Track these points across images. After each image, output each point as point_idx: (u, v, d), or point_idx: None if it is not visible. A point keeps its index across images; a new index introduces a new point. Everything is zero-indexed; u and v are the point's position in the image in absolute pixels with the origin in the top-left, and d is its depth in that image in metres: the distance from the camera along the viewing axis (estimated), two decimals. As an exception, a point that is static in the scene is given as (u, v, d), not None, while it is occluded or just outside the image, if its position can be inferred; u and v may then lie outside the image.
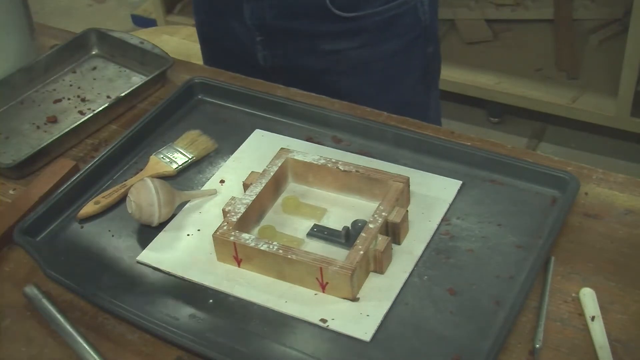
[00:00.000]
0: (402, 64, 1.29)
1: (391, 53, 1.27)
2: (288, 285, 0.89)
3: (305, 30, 1.23)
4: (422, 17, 1.26)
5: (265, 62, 1.29)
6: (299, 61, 1.27)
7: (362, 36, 1.24)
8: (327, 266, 0.86)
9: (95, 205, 1.00)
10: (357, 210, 0.97)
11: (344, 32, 1.23)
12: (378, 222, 0.90)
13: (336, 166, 0.98)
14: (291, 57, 1.27)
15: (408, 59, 1.30)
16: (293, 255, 0.88)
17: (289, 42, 1.26)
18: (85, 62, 1.30)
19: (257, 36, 1.26)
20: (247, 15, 1.24)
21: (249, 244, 0.90)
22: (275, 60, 1.28)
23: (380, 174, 0.97)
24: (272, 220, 0.97)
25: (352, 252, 0.87)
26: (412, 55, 1.30)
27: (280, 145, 1.04)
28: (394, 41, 1.26)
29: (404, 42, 1.27)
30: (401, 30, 1.25)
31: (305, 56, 1.26)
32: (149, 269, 0.94)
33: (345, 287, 0.86)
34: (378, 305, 0.86)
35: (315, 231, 0.94)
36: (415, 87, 1.35)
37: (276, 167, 0.99)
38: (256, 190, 0.96)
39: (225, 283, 0.90)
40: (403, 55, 1.28)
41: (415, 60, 1.32)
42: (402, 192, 0.95)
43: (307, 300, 0.88)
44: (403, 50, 1.28)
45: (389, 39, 1.25)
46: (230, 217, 0.93)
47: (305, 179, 1.01)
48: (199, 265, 0.93)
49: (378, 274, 0.90)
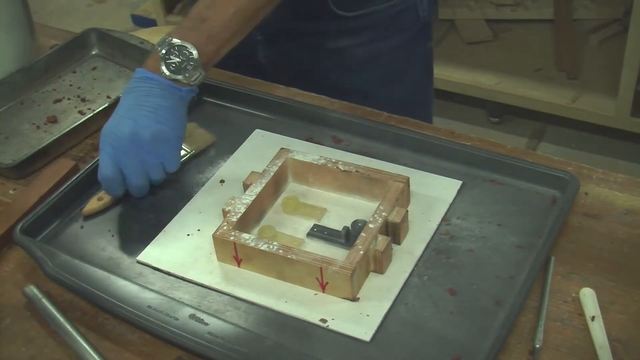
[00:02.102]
0: (404, 59, 1.30)
1: (393, 49, 1.27)
2: (288, 285, 0.89)
3: (307, 30, 1.23)
4: (422, 14, 1.27)
5: (266, 60, 1.28)
6: (301, 59, 1.27)
7: (364, 33, 1.24)
8: (327, 266, 0.86)
9: (98, 201, 1.00)
10: (357, 210, 0.97)
11: (346, 30, 1.23)
12: (378, 222, 0.90)
13: (336, 166, 0.98)
14: (293, 55, 1.27)
15: (410, 54, 1.31)
16: (293, 255, 0.88)
17: (291, 40, 1.25)
18: (85, 62, 1.30)
19: (258, 35, 1.26)
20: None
21: (249, 244, 0.89)
22: (276, 58, 1.28)
23: (380, 174, 0.97)
24: (272, 220, 0.97)
25: (352, 252, 0.87)
26: (413, 51, 1.31)
27: (280, 145, 1.04)
28: (395, 37, 1.26)
29: (405, 38, 1.28)
30: (402, 27, 1.26)
31: (308, 54, 1.26)
32: (149, 268, 0.94)
33: (345, 287, 0.86)
34: (378, 305, 0.86)
35: (315, 231, 0.94)
36: (418, 82, 1.36)
37: (276, 167, 0.99)
38: (256, 190, 0.96)
39: (225, 283, 0.90)
40: (404, 50, 1.29)
41: (416, 56, 1.33)
42: (402, 192, 0.95)
43: (307, 300, 0.88)
44: (404, 46, 1.28)
45: (391, 35, 1.26)
46: (230, 217, 0.93)
47: (305, 179, 1.01)
48: (199, 265, 0.93)
49: (378, 274, 0.90)
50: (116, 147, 0.96)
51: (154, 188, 1.03)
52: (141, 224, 0.99)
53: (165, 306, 0.86)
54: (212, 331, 0.83)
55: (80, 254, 0.96)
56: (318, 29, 1.23)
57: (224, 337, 0.83)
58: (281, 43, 1.26)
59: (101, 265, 0.93)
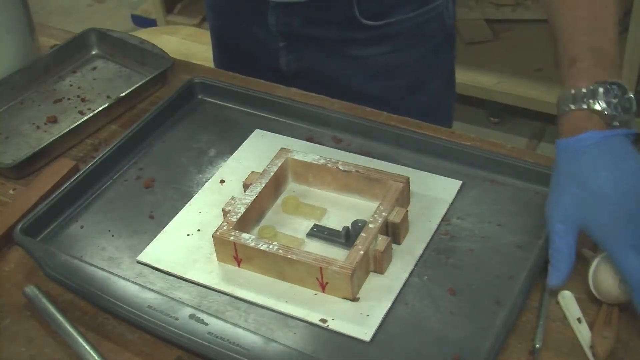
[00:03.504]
0: (429, 68, 1.28)
1: (419, 57, 1.25)
2: (288, 285, 0.89)
3: (332, 38, 1.22)
4: (448, 22, 1.25)
5: (288, 67, 1.27)
6: (325, 66, 1.25)
7: (390, 42, 1.22)
8: (327, 266, 0.86)
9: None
10: (357, 210, 0.97)
11: (371, 39, 1.21)
12: (378, 222, 0.90)
13: (336, 166, 0.98)
14: (316, 62, 1.25)
15: (435, 63, 1.29)
16: (293, 255, 0.88)
17: (315, 48, 1.24)
18: (86, 62, 1.30)
19: (281, 42, 1.24)
20: (272, 22, 1.22)
21: (249, 244, 0.89)
22: (299, 65, 1.26)
23: (380, 174, 0.96)
24: (272, 220, 0.97)
25: (352, 252, 0.87)
26: (438, 60, 1.29)
27: (280, 145, 1.04)
28: (421, 46, 1.25)
29: (431, 47, 1.26)
30: (428, 35, 1.24)
31: (332, 61, 1.24)
32: (149, 268, 0.94)
33: (346, 287, 0.86)
34: (378, 305, 0.86)
35: (315, 231, 0.94)
36: (441, 90, 1.34)
37: (276, 167, 0.99)
38: (256, 190, 0.96)
39: (225, 283, 0.90)
40: (430, 59, 1.27)
41: (441, 65, 1.31)
42: (402, 192, 0.95)
43: (307, 300, 0.88)
44: (430, 55, 1.27)
45: (417, 44, 1.24)
46: (230, 217, 0.93)
47: (305, 178, 1.01)
48: (199, 265, 0.93)
49: (378, 273, 0.90)
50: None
51: (154, 188, 1.04)
52: (141, 224, 0.99)
53: (165, 306, 0.86)
54: (212, 331, 0.83)
55: (80, 254, 0.96)
56: (343, 37, 1.21)
57: (224, 337, 0.83)
58: (304, 50, 1.25)
59: (101, 265, 0.93)
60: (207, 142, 1.11)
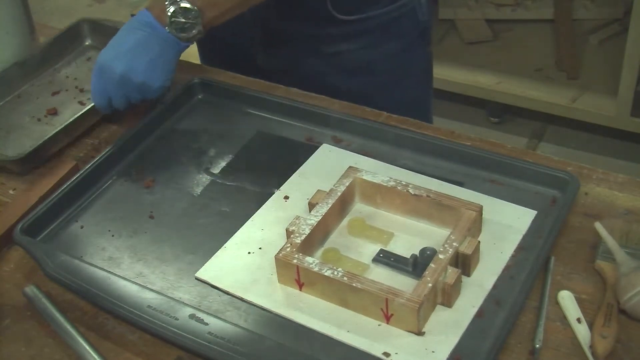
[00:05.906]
0: (404, 64, 1.29)
1: (393, 53, 1.27)
2: (351, 313, 0.85)
3: (306, 33, 1.23)
4: (421, 19, 1.27)
5: (264, 64, 1.28)
6: (299, 63, 1.27)
7: (363, 38, 1.24)
8: (393, 297, 0.82)
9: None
10: (425, 236, 0.93)
11: (346, 34, 1.23)
12: (448, 252, 0.86)
13: (406, 189, 0.94)
14: (291, 59, 1.27)
15: (410, 59, 1.30)
16: (358, 283, 0.84)
17: (290, 44, 1.25)
18: (79, 53, 1.31)
19: (257, 37, 1.25)
20: (248, 16, 1.23)
21: (312, 268, 0.86)
22: (275, 62, 1.28)
23: (452, 201, 0.92)
24: (336, 242, 0.93)
25: (421, 284, 0.83)
26: (413, 55, 1.30)
27: (348, 162, 1.00)
28: (395, 42, 1.26)
29: (405, 43, 1.27)
30: (402, 31, 1.25)
31: (306, 58, 1.26)
32: (149, 268, 0.93)
33: (411, 320, 0.82)
34: (445, 340, 0.82)
35: (381, 257, 0.90)
36: (417, 86, 1.35)
37: (343, 187, 0.95)
38: (322, 211, 0.92)
39: (285, 307, 0.87)
40: (405, 55, 1.28)
41: (416, 60, 1.32)
42: (475, 222, 0.90)
43: (370, 331, 0.84)
44: (404, 51, 1.28)
45: (390, 40, 1.25)
46: (294, 238, 0.89)
47: (373, 200, 0.97)
48: (259, 286, 0.89)
49: (445, 307, 0.86)
50: (107, 81, 1.06)
51: (154, 188, 1.04)
52: (141, 224, 0.99)
53: (165, 306, 0.86)
54: (212, 331, 0.83)
55: (80, 254, 0.96)
56: (316, 32, 1.23)
57: (224, 337, 0.83)
58: (279, 46, 1.26)
59: (101, 265, 0.93)
60: (207, 142, 1.11)
